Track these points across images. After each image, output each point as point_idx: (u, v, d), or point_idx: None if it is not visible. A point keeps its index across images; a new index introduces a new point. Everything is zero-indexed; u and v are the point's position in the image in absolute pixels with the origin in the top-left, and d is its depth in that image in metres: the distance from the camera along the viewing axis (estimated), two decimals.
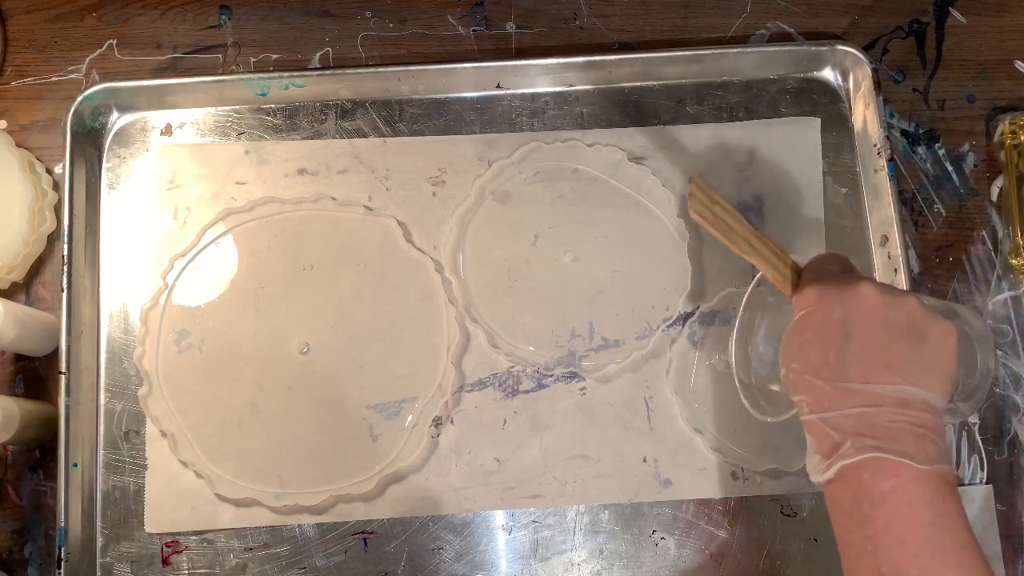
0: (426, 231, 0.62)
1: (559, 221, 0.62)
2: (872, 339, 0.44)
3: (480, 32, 0.67)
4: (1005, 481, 0.60)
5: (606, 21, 0.67)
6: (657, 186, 0.62)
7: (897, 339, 0.44)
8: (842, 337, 0.44)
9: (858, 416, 0.43)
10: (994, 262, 0.63)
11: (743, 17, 0.67)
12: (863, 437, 0.42)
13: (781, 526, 0.58)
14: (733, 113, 0.64)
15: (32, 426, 0.56)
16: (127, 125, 0.64)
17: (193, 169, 0.63)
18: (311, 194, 0.62)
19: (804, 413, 0.45)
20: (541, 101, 0.65)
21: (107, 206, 0.63)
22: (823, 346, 0.44)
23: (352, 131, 0.64)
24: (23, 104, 0.65)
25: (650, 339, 0.60)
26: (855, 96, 0.64)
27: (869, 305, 0.44)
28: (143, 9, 0.68)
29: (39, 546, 0.59)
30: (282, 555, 0.57)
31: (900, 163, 0.64)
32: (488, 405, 0.59)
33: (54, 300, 0.62)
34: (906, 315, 0.44)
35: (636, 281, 0.61)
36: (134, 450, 0.59)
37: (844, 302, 0.45)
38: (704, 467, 0.58)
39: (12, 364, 0.61)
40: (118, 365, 0.60)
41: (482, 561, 0.57)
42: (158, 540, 0.57)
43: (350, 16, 0.68)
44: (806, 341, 0.45)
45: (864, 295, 0.45)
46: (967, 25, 0.67)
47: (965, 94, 0.66)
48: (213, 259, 0.61)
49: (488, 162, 0.63)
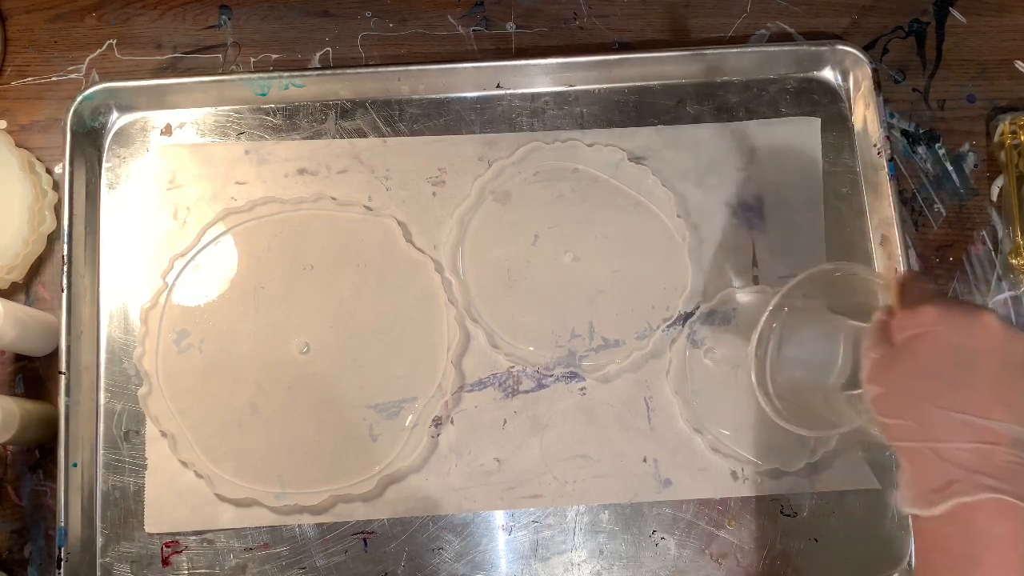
0: (426, 231, 0.62)
1: (559, 221, 0.62)
2: (995, 373, 0.41)
3: (480, 32, 0.67)
4: None
5: (606, 21, 0.67)
6: (657, 186, 0.62)
7: (1016, 376, 0.42)
8: (965, 366, 0.41)
9: (977, 452, 0.40)
10: (994, 262, 0.63)
11: (743, 17, 0.67)
12: (981, 475, 0.40)
13: (781, 526, 0.58)
14: (733, 113, 0.64)
15: (32, 426, 0.56)
16: (127, 125, 0.64)
17: (193, 169, 0.63)
18: (311, 194, 0.62)
19: (906, 439, 0.42)
20: (541, 101, 0.65)
21: (107, 206, 0.63)
22: (940, 371, 0.42)
23: (352, 131, 0.64)
24: (23, 104, 0.65)
25: (650, 339, 0.60)
26: (855, 96, 0.64)
27: (993, 336, 0.42)
28: (143, 9, 0.68)
29: (39, 546, 0.59)
30: (282, 555, 0.57)
31: (900, 163, 0.64)
32: (488, 405, 0.59)
33: (54, 300, 0.62)
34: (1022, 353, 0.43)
35: (636, 281, 0.61)
36: (134, 450, 0.59)
37: (968, 329, 0.42)
38: (704, 467, 0.58)
39: (12, 364, 0.61)
40: (118, 365, 0.60)
41: (482, 561, 0.57)
42: (158, 540, 0.57)
43: (350, 16, 0.68)
44: (920, 363, 0.42)
45: (990, 326, 0.42)
46: (967, 25, 0.67)
47: (965, 94, 0.66)
48: (213, 259, 0.61)
49: (488, 162, 0.63)
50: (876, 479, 0.58)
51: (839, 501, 0.58)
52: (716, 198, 0.63)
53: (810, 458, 0.58)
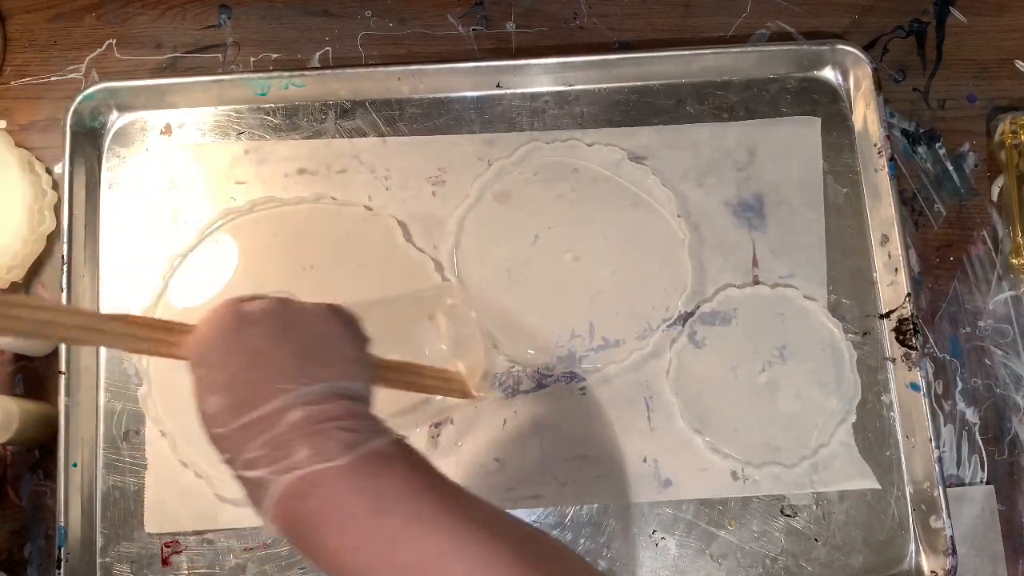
0: (426, 231, 0.62)
1: (559, 221, 0.62)
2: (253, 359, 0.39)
3: (480, 32, 0.67)
4: (1006, 481, 0.60)
5: (606, 20, 0.67)
6: (657, 186, 0.62)
7: (276, 346, 0.39)
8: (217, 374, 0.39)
9: (270, 445, 0.37)
10: (994, 262, 0.63)
11: (743, 16, 0.67)
12: (273, 466, 0.36)
13: (781, 526, 0.58)
14: (733, 112, 0.64)
15: (32, 426, 0.56)
16: (127, 125, 0.64)
17: (193, 169, 0.63)
18: (311, 194, 0.62)
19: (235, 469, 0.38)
20: (541, 101, 0.64)
21: (107, 206, 0.63)
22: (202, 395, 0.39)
23: (352, 131, 0.64)
24: (23, 104, 0.65)
25: (650, 339, 0.60)
26: (855, 96, 0.64)
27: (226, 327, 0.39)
28: (143, 9, 0.67)
29: (39, 546, 0.59)
30: (282, 555, 0.57)
31: (900, 163, 0.64)
32: (488, 405, 0.59)
33: (54, 300, 0.61)
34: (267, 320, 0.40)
35: (636, 281, 0.61)
36: (134, 450, 0.59)
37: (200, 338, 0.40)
38: (704, 467, 0.58)
39: (12, 364, 0.61)
40: (118, 365, 0.60)
41: None
42: (158, 540, 0.57)
43: (350, 16, 0.67)
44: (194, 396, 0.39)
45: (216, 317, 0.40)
46: (967, 25, 0.67)
47: (965, 94, 0.66)
48: (213, 259, 0.61)
49: (488, 162, 0.63)
50: (876, 479, 0.58)
51: (839, 501, 0.58)
52: (716, 198, 0.63)
53: (810, 458, 0.58)
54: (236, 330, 0.39)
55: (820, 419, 0.59)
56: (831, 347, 0.60)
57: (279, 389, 0.38)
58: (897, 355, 0.60)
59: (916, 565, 0.57)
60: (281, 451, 0.37)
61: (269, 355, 0.39)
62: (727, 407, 0.59)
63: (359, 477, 0.36)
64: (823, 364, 0.60)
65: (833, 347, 0.60)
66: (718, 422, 0.59)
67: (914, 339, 0.58)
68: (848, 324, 0.60)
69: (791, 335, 0.60)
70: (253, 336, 0.39)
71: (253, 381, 0.38)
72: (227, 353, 0.39)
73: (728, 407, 0.59)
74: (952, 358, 0.62)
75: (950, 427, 0.60)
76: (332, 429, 0.37)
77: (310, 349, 0.40)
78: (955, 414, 0.61)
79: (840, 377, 0.60)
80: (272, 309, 0.40)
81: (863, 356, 0.60)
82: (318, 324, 0.41)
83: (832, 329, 0.60)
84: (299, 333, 0.40)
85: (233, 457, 0.38)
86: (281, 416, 0.37)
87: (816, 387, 0.59)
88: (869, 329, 0.61)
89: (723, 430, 0.59)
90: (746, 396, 0.59)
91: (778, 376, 0.60)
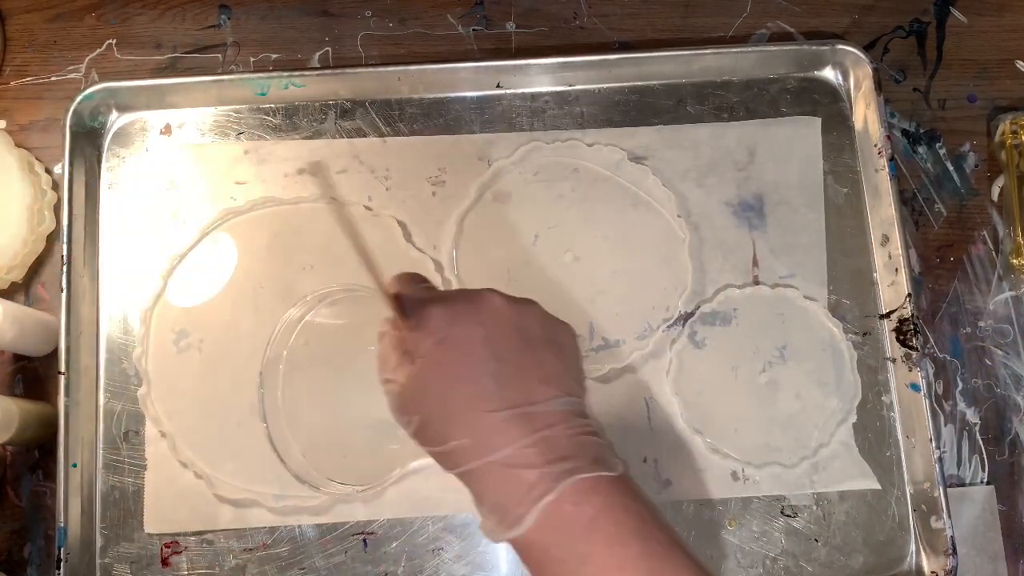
0: (426, 231, 0.62)
1: (559, 221, 0.62)
2: (522, 352, 0.38)
3: (480, 32, 0.67)
4: (1006, 481, 0.60)
5: (606, 20, 0.67)
6: (657, 186, 0.62)
7: (539, 348, 0.39)
8: (493, 359, 0.37)
9: (540, 442, 0.36)
10: (995, 262, 0.63)
11: (743, 16, 0.67)
12: (551, 466, 0.36)
13: (781, 526, 0.58)
14: (734, 112, 0.64)
15: (31, 426, 0.56)
16: (126, 125, 0.64)
17: (192, 169, 0.63)
18: (311, 194, 0.62)
19: (466, 461, 0.37)
20: (541, 101, 0.64)
21: (106, 206, 0.63)
22: (472, 374, 0.37)
23: (352, 131, 0.64)
24: (22, 104, 0.65)
25: (650, 339, 0.60)
26: (856, 96, 0.64)
27: (503, 316, 0.39)
28: (142, 9, 0.67)
29: (38, 546, 0.58)
30: (282, 555, 0.57)
31: (901, 163, 0.64)
32: None
33: (53, 300, 0.61)
34: (538, 323, 0.40)
35: (636, 281, 0.61)
36: (133, 450, 0.59)
37: (480, 319, 0.38)
38: (704, 467, 0.58)
39: (11, 364, 0.61)
40: (117, 365, 0.60)
41: (482, 562, 0.57)
42: (157, 540, 0.57)
43: (350, 16, 0.67)
44: (449, 374, 0.38)
45: (497, 306, 0.39)
46: (968, 25, 0.67)
47: (966, 94, 0.66)
48: (212, 259, 0.61)
49: (488, 162, 0.63)
50: (876, 479, 0.58)
51: (839, 501, 0.58)
52: (716, 198, 0.63)
53: (810, 458, 0.58)
54: (517, 325, 0.39)
55: (820, 419, 0.59)
56: (831, 347, 0.60)
57: (550, 391, 0.38)
58: (897, 355, 0.60)
59: (916, 565, 0.57)
60: (555, 452, 0.36)
61: (542, 356, 0.39)
62: (727, 407, 0.59)
63: (620, 494, 0.37)
64: (823, 364, 0.60)
65: (833, 347, 0.60)
66: (718, 422, 0.59)
67: (914, 339, 0.58)
68: (848, 324, 0.60)
69: (791, 335, 0.60)
70: (529, 334, 0.39)
71: (525, 377, 0.38)
72: (507, 340, 0.38)
73: (728, 407, 0.59)
74: (952, 358, 0.62)
75: (950, 427, 0.60)
76: (592, 442, 0.38)
77: (566, 361, 0.40)
78: (955, 414, 0.61)
79: (840, 377, 0.59)
80: (543, 313, 0.41)
81: (863, 356, 0.60)
82: (569, 340, 0.42)
83: (832, 329, 0.60)
84: (561, 344, 0.41)
85: (483, 448, 0.36)
86: (553, 417, 0.37)
87: (816, 387, 0.59)
88: (869, 329, 0.61)
89: (723, 430, 0.59)
90: (746, 396, 0.59)
91: (778, 376, 0.59)
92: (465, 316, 0.38)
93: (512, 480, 0.36)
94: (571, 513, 0.36)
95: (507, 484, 0.36)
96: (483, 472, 0.37)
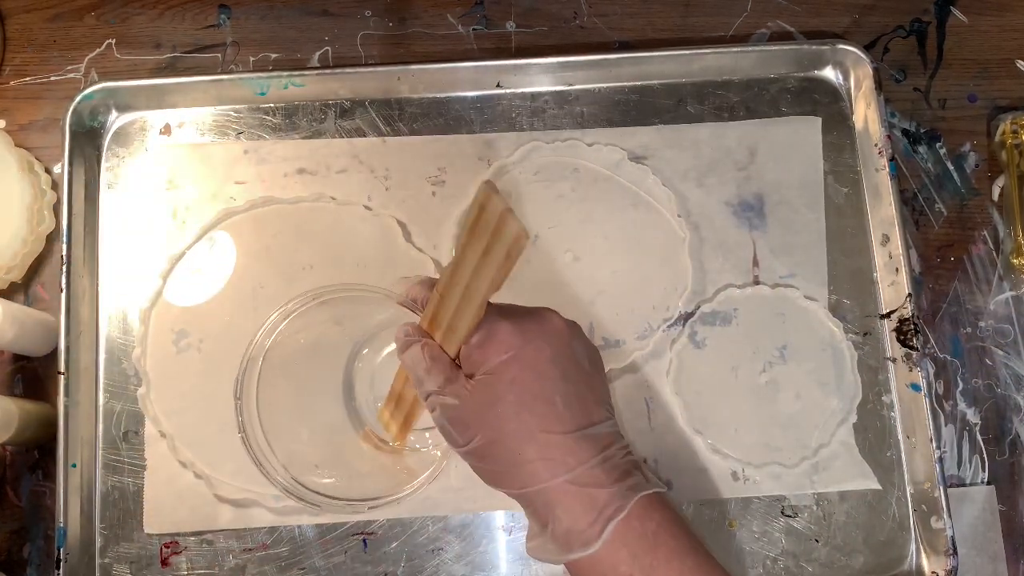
0: (426, 231, 0.62)
1: (559, 221, 0.62)
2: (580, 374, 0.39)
3: (480, 31, 0.67)
4: (1006, 481, 0.60)
5: (606, 20, 0.67)
6: (657, 185, 0.62)
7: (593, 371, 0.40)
8: (560, 379, 0.37)
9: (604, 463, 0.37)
10: (995, 262, 0.63)
11: (744, 16, 0.67)
12: (618, 485, 0.36)
13: (781, 526, 0.58)
14: (734, 112, 0.64)
15: (31, 426, 0.56)
16: (126, 125, 0.64)
17: (192, 169, 0.63)
18: (310, 194, 0.62)
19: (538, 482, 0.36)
20: (541, 100, 0.64)
21: (106, 206, 0.62)
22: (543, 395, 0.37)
23: (351, 131, 0.64)
24: (22, 104, 0.65)
25: (650, 339, 0.60)
26: (856, 95, 0.64)
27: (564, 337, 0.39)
28: (142, 8, 0.67)
29: (38, 546, 0.58)
30: (281, 556, 0.57)
31: (901, 162, 0.64)
32: None
33: (53, 300, 0.61)
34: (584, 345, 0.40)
35: (636, 281, 0.61)
36: (133, 450, 0.59)
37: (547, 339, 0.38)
38: (704, 468, 0.58)
39: (11, 364, 0.61)
40: (117, 365, 0.60)
41: (482, 562, 0.57)
42: (157, 541, 0.57)
43: (349, 15, 0.67)
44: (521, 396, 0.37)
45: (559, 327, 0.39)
46: (968, 24, 0.67)
47: (966, 93, 0.66)
48: (212, 259, 0.61)
49: (488, 162, 0.63)
50: (877, 479, 0.58)
51: (839, 501, 0.58)
52: (716, 198, 0.62)
53: (810, 458, 0.58)
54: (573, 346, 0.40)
55: (821, 419, 0.59)
56: (832, 347, 0.60)
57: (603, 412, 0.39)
58: (898, 355, 0.59)
59: (917, 565, 0.57)
60: (618, 471, 0.37)
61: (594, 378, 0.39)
62: (727, 407, 0.59)
63: (672, 508, 0.38)
64: (824, 364, 0.60)
65: (834, 347, 0.60)
66: (718, 422, 0.59)
67: (915, 339, 0.58)
68: (849, 324, 0.60)
69: (792, 335, 0.60)
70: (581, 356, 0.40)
71: (585, 398, 0.38)
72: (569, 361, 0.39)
73: (728, 407, 0.59)
74: (953, 358, 0.61)
75: (951, 427, 0.60)
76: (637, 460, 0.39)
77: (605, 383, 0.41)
78: (956, 414, 0.61)
79: (841, 377, 0.59)
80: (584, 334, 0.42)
81: (864, 356, 0.60)
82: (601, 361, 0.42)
83: (833, 329, 0.60)
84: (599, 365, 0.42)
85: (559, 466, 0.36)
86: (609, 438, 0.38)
87: (817, 387, 0.59)
88: (870, 329, 0.61)
89: (723, 430, 0.59)
90: (746, 396, 0.59)
91: (778, 376, 0.59)
92: (534, 334, 0.38)
93: (584, 499, 0.36)
94: (638, 529, 0.36)
95: (580, 504, 0.36)
96: (553, 492, 0.37)
